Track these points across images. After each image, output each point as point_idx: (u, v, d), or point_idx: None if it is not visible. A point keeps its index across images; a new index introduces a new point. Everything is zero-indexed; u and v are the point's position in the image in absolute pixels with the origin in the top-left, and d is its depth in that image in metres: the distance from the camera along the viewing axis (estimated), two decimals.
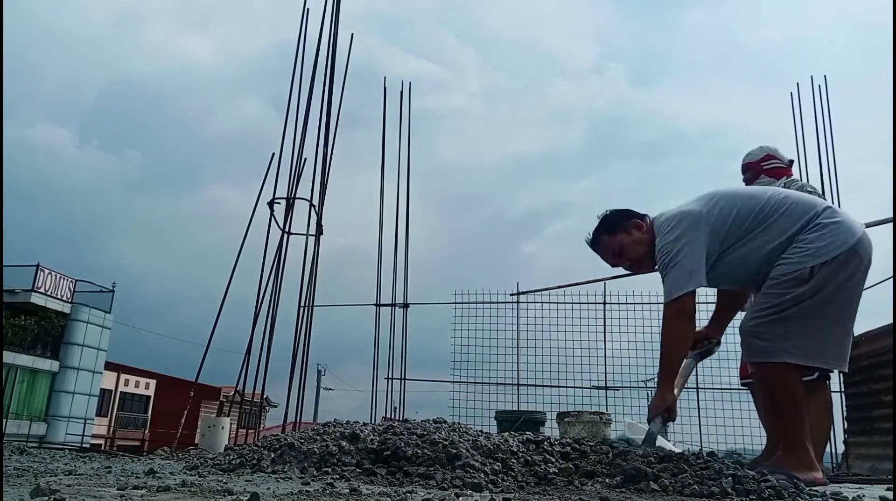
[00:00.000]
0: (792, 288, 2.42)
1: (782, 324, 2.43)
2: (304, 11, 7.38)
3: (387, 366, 8.29)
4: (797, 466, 2.36)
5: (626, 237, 2.77)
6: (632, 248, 2.76)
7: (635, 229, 2.76)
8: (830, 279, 2.40)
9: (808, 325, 2.42)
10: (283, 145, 6.97)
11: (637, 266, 2.83)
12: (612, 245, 2.80)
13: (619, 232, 2.78)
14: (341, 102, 7.42)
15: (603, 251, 2.85)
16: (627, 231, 2.77)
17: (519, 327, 8.46)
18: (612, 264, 2.89)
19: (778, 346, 2.42)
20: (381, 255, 8.28)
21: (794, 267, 2.43)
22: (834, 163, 7.73)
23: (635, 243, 2.75)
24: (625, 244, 2.77)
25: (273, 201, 6.90)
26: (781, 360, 2.42)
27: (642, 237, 2.73)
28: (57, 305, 23.89)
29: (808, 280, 2.40)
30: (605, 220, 2.84)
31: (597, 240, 2.85)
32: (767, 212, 2.54)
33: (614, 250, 2.80)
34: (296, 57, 7.20)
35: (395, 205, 8.66)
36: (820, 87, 7.93)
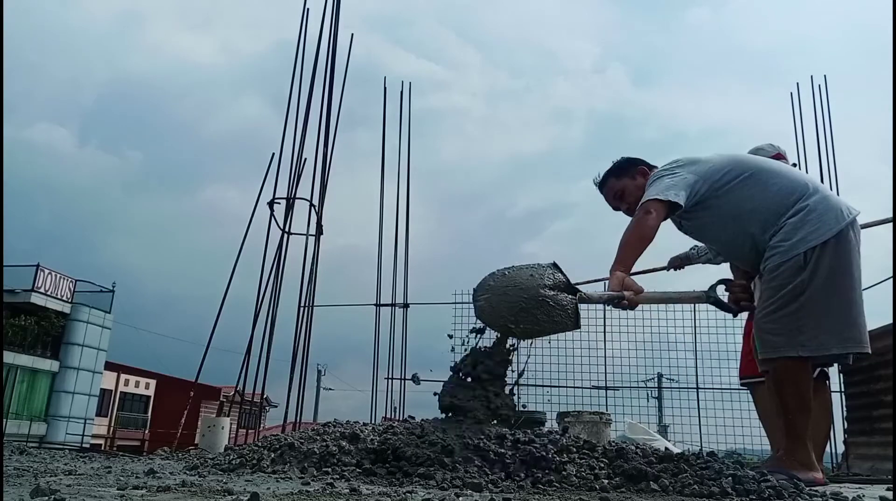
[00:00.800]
0: (792, 277, 2.42)
1: (793, 317, 2.41)
2: (305, 11, 7.40)
3: (387, 366, 8.30)
4: (797, 466, 2.35)
5: (629, 182, 2.84)
6: (632, 192, 2.81)
7: (640, 175, 2.83)
8: (827, 262, 2.40)
9: (816, 315, 2.40)
10: (283, 145, 6.99)
11: (631, 212, 2.82)
12: (615, 188, 2.88)
13: (624, 176, 2.86)
14: (341, 101, 7.43)
15: (606, 193, 2.93)
16: (632, 176, 2.85)
17: None
18: (613, 207, 2.94)
19: (791, 340, 2.41)
20: (381, 255, 8.29)
21: (787, 255, 2.44)
22: (834, 163, 7.74)
23: (636, 188, 2.79)
24: (626, 188, 2.84)
25: (273, 201, 6.91)
26: (796, 354, 2.40)
27: (644, 183, 2.77)
28: (57, 305, 23.89)
29: (805, 266, 2.40)
30: (616, 164, 2.92)
31: (604, 181, 2.93)
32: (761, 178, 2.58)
33: (616, 192, 2.88)
34: (296, 57, 7.22)
35: (395, 205, 8.67)
36: (820, 87, 7.95)
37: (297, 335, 6.64)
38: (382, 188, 8.51)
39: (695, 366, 8.04)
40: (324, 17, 7.32)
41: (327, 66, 7.28)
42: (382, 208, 8.44)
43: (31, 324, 22.96)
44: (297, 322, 6.66)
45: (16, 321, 22.46)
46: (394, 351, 8.28)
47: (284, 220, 6.83)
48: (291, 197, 6.92)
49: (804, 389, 2.44)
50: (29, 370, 22.86)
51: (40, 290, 23.13)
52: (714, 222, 2.66)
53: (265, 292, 6.63)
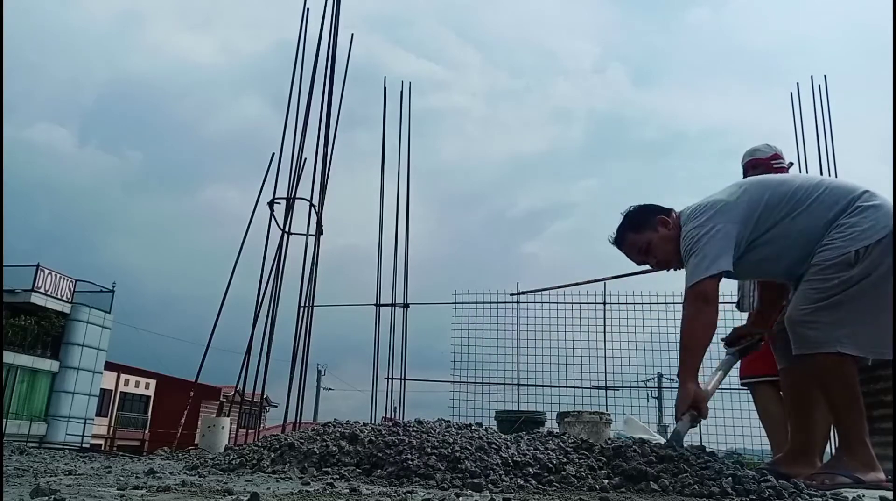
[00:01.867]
0: (838, 273, 2.29)
1: (831, 311, 2.29)
2: (305, 11, 7.39)
3: (387, 366, 8.30)
4: (860, 466, 2.24)
5: (652, 235, 2.63)
6: (659, 246, 2.63)
7: (662, 225, 2.63)
8: (878, 262, 2.28)
9: (860, 312, 2.29)
10: (283, 145, 6.98)
11: (665, 265, 2.69)
12: (638, 243, 2.67)
13: (646, 230, 2.65)
14: (341, 101, 7.44)
15: (629, 250, 2.72)
16: (654, 228, 2.64)
17: (519, 327, 8.48)
18: (638, 262, 2.76)
19: (829, 335, 2.28)
20: (381, 255, 8.30)
21: (838, 251, 2.31)
22: (834, 163, 7.75)
23: (662, 241, 2.61)
24: (652, 242, 2.64)
25: (273, 201, 6.91)
26: (834, 350, 2.27)
27: (669, 234, 2.60)
28: (57, 305, 23.89)
29: (855, 264, 2.28)
30: (630, 217, 2.71)
31: (622, 238, 2.72)
32: (801, 197, 2.42)
33: (641, 248, 2.67)
34: (296, 57, 7.22)
35: (396, 205, 8.68)
36: (820, 87, 7.95)
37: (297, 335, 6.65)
38: (382, 188, 8.53)
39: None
40: (324, 17, 7.32)
41: (327, 66, 7.29)
42: (382, 208, 8.46)
43: (31, 324, 22.96)
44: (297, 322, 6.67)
45: (16, 321, 22.45)
46: (394, 351, 8.30)
47: (284, 220, 6.84)
48: (291, 197, 6.92)
49: (852, 383, 2.30)
50: (29, 370, 22.86)
51: (40, 290, 23.13)
52: (765, 259, 2.50)
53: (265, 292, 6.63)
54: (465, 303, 8.62)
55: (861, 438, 2.30)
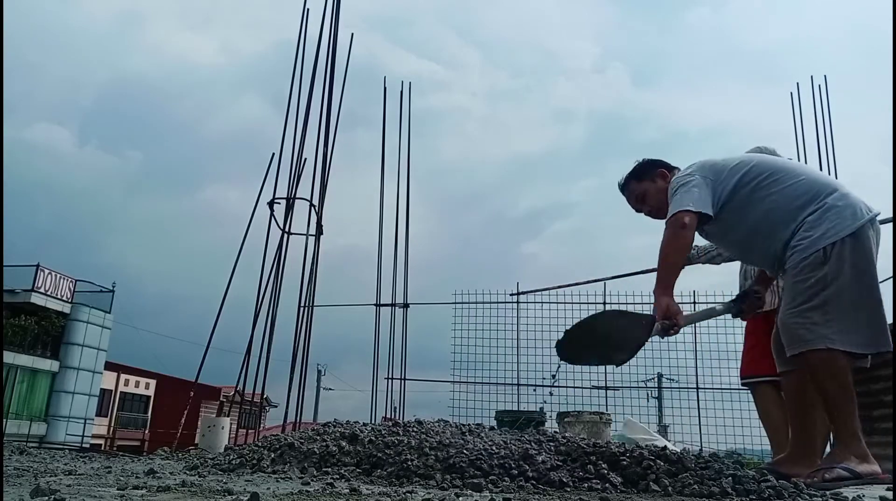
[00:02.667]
0: (812, 272, 2.40)
1: (819, 311, 2.38)
2: (305, 11, 7.39)
3: (387, 366, 8.30)
4: (855, 459, 2.28)
5: (650, 185, 2.88)
6: (654, 195, 2.86)
7: (660, 177, 2.86)
8: (845, 260, 2.37)
9: (844, 310, 2.37)
10: (283, 145, 6.99)
11: (656, 213, 2.87)
12: (636, 191, 2.92)
13: (645, 179, 2.90)
14: (341, 101, 7.44)
15: (628, 196, 2.97)
16: (653, 179, 2.88)
17: (519, 327, 8.47)
18: (635, 208, 2.99)
19: (818, 333, 2.36)
20: (381, 255, 8.30)
21: (807, 251, 2.42)
22: (834, 162, 7.75)
23: (657, 192, 2.84)
24: (648, 191, 2.88)
25: (273, 201, 6.91)
26: (824, 346, 2.35)
27: (664, 186, 2.81)
28: (57, 305, 23.89)
29: (825, 262, 2.38)
30: (637, 166, 2.96)
31: (626, 184, 2.98)
32: (778, 177, 2.57)
33: (638, 195, 2.92)
34: (296, 57, 7.22)
35: (396, 205, 8.68)
36: (820, 87, 7.95)
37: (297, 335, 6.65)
38: (382, 188, 8.52)
39: (695, 366, 8.05)
40: (324, 17, 7.32)
41: (327, 66, 7.29)
42: (382, 208, 8.46)
43: (31, 324, 22.96)
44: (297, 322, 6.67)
45: (16, 321, 22.45)
46: (394, 351, 8.30)
47: (284, 220, 6.84)
48: (291, 197, 6.92)
49: (844, 378, 2.36)
50: (29, 370, 22.86)
51: (40, 290, 23.13)
52: (735, 225, 2.65)
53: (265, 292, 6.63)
54: (465, 303, 8.63)
55: (854, 432, 2.35)
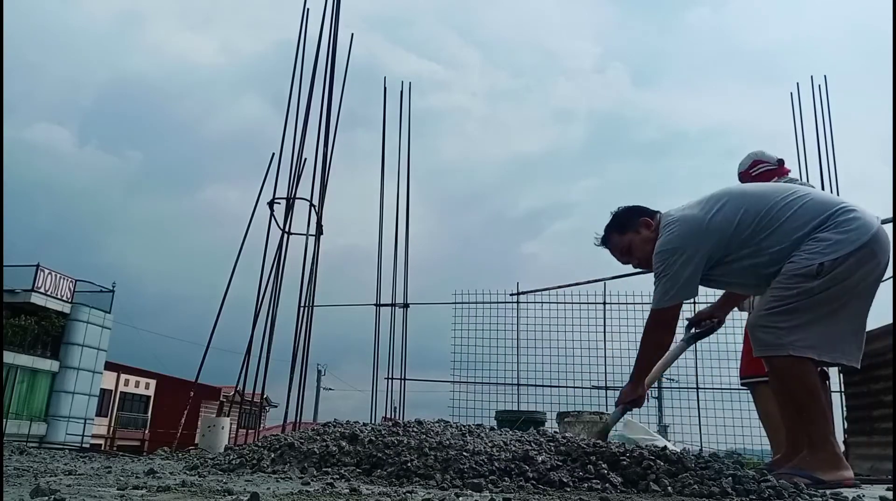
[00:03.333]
0: (799, 283, 2.36)
1: (785, 317, 2.37)
2: (305, 11, 7.39)
3: (387, 366, 8.30)
4: (822, 466, 2.27)
5: (634, 237, 2.79)
6: (639, 247, 2.77)
7: (644, 227, 2.77)
8: (845, 276, 2.34)
9: (817, 320, 2.36)
10: (283, 145, 6.98)
11: (645, 264, 2.82)
12: (620, 244, 2.84)
13: (628, 231, 2.81)
14: (341, 101, 7.42)
15: (612, 249, 2.90)
16: (636, 230, 2.79)
17: (519, 327, 8.47)
18: (621, 261, 2.93)
19: (781, 339, 2.37)
20: (381, 255, 8.29)
21: (803, 263, 2.38)
22: (834, 163, 7.74)
23: (643, 243, 2.75)
24: (633, 243, 2.79)
25: (273, 201, 6.90)
26: (786, 353, 2.36)
27: (649, 236, 2.73)
28: (57, 305, 23.90)
29: (817, 276, 2.34)
30: (616, 218, 2.87)
31: (607, 238, 2.90)
32: (775, 214, 2.48)
33: (622, 248, 2.84)
34: (296, 57, 7.20)
35: (396, 205, 8.66)
36: (820, 87, 7.94)
37: (297, 335, 6.64)
38: (382, 188, 8.51)
39: (695, 366, 8.05)
40: (324, 17, 7.31)
41: (327, 66, 7.28)
42: (382, 208, 8.45)
43: (31, 324, 22.96)
44: (297, 322, 6.66)
45: (16, 321, 22.46)
46: (394, 351, 8.29)
47: (284, 220, 6.83)
48: (291, 197, 6.91)
49: (810, 383, 2.36)
50: (29, 370, 22.86)
51: (40, 290, 23.14)
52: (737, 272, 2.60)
53: (265, 292, 6.62)
54: (465, 303, 8.63)
55: (824, 436, 2.34)
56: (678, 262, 2.53)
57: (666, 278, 2.55)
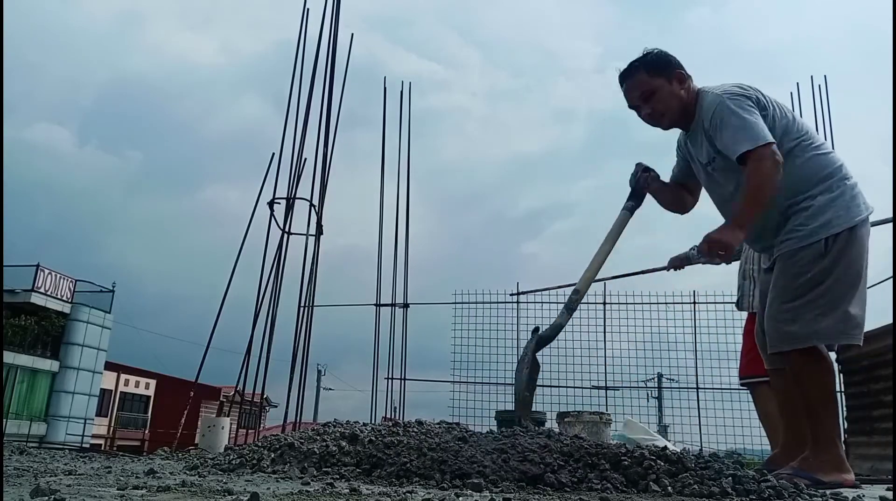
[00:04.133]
0: (811, 264, 2.27)
1: (811, 306, 2.27)
2: (305, 11, 7.39)
3: (387, 366, 8.30)
4: (823, 467, 2.24)
5: (664, 84, 2.47)
6: (664, 98, 2.47)
7: (677, 80, 2.48)
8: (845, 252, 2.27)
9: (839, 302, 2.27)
10: (283, 145, 6.98)
11: (657, 117, 2.53)
12: (644, 85, 2.50)
13: (660, 76, 2.48)
14: (341, 101, 7.43)
15: (631, 87, 2.55)
16: (668, 79, 2.48)
17: (519, 327, 8.47)
18: (633, 104, 2.58)
19: (808, 329, 2.27)
20: (381, 255, 8.29)
21: (805, 241, 2.29)
22: None
23: (670, 96, 2.46)
24: (660, 90, 2.47)
25: (273, 201, 6.91)
26: (811, 344, 2.27)
27: (678, 93, 2.46)
28: (57, 305, 23.89)
29: (826, 254, 2.26)
30: (650, 56, 2.53)
31: (632, 72, 2.53)
32: (809, 143, 2.36)
33: (645, 90, 2.50)
34: (296, 57, 7.21)
35: (396, 205, 8.67)
36: (820, 86, 7.95)
37: (297, 335, 6.64)
38: (382, 188, 8.51)
39: (695, 366, 8.06)
40: (324, 17, 7.32)
41: (327, 66, 7.28)
42: (382, 208, 8.45)
43: (31, 324, 22.96)
44: (297, 322, 6.66)
45: (16, 321, 22.46)
46: (394, 351, 8.29)
47: (284, 220, 6.83)
48: (291, 197, 6.92)
49: (827, 383, 2.30)
50: (29, 370, 22.86)
51: (40, 290, 23.13)
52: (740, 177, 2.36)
53: (265, 292, 6.63)
54: (465, 303, 8.63)
55: (831, 437, 2.30)
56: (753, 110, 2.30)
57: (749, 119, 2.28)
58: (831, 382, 2.34)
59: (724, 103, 2.34)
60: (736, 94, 2.36)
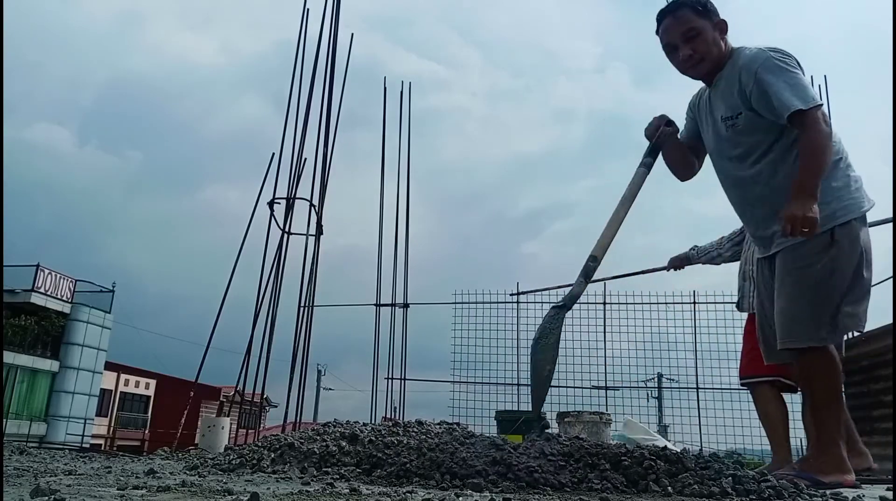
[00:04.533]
0: (817, 256, 2.23)
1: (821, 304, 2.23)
2: (305, 11, 7.39)
3: (387, 366, 8.30)
4: (825, 467, 2.23)
5: (709, 27, 2.41)
6: (706, 41, 2.40)
7: (720, 29, 2.42)
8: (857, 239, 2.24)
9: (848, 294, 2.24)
10: (283, 145, 6.98)
11: (696, 61, 2.44)
12: (691, 24, 2.41)
13: (706, 18, 2.41)
14: (341, 101, 7.43)
15: (673, 24, 2.45)
16: (713, 23, 2.42)
17: (519, 327, 8.47)
18: (671, 43, 2.48)
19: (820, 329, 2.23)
20: (381, 255, 8.28)
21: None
22: None
23: (712, 41, 2.40)
24: (704, 32, 2.40)
25: (273, 201, 6.91)
26: (824, 343, 2.23)
27: (720, 40, 2.41)
28: (57, 305, 23.88)
29: (832, 245, 2.22)
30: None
31: (677, 7, 2.44)
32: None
33: (687, 29, 2.41)
34: (296, 57, 7.21)
35: (396, 205, 8.66)
36: (820, 87, 7.94)
37: (297, 335, 6.64)
38: (382, 188, 8.51)
39: (695, 366, 8.06)
40: (324, 16, 7.32)
41: (327, 66, 7.28)
42: (382, 208, 8.44)
43: (31, 324, 22.95)
44: (297, 322, 6.66)
45: (16, 321, 22.44)
46: (394, 351, 8.29)
47: (284, 220, 6.83)
48: (291, 197, 6.92)
49: (835, 382, 2.27)
50: (29, 370, 22.85)
51: (40, 290, 23.12)
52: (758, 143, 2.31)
53: (265, 292, 6.63)
54: (465, 303, 8.63)
55: (834, 439, 2.28)
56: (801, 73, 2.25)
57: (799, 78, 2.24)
58: (838, 382, 2.31)
59: (772, 59, 2.28)
60: (782, 52, 2.31)
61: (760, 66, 2.29)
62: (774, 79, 2.25)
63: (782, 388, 3.40)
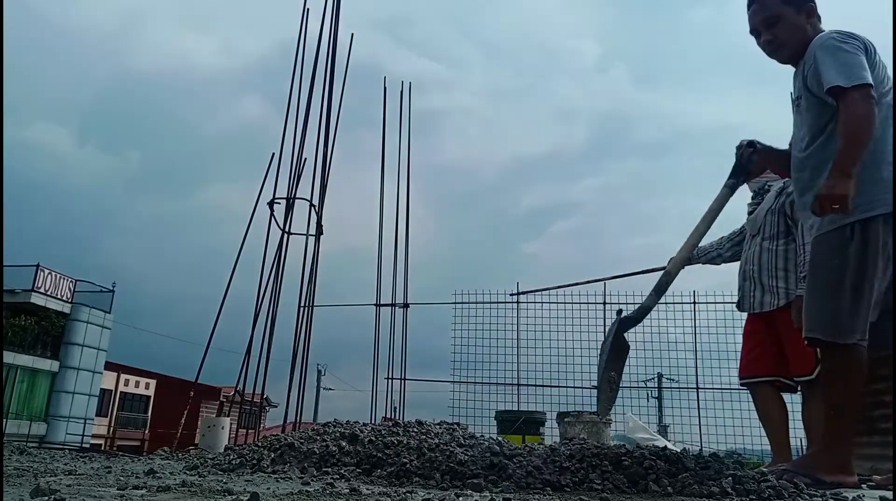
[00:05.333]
0: (837, 252, 2.18)
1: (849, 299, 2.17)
2: (305, 11, 7.40)
3: (387, 366, 8.30)
4: (826, 467, 2.20)
5: (792, 12, 2.40)
6: (790, 27, 2.40)
7: (806, 14, 2.41)
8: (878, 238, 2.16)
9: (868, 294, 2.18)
10: (283, 145, 6.99)
11: (776, 47, 2.45)
12: (771, 9, 2.42)
13: (790, 4, 2.41)
14: (342, 101, 7.44)
15: (757, 10, 2.46)
16: (798, 8, 2.40)
17: (519, 327, 8.48)
18: (754, 28, 2.50)
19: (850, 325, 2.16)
20: (381, 255, 8.30)
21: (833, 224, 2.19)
22: None
23: (795, 26, 2.40)
24: (786, 17, 2.40)
25: (273, 201, 6.91)
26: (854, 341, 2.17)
27: (805, 25, 2.39)
28: (57, 305, 23.88)
29: (852, 239, 2.17)
30: None
31: None
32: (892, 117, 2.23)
33: (769, 15, 2.43)
34: (296, 57, 7.22)
35: (396, 205, 8.68)
36: None
37: (297, 335, 6.65)
38: (382, 188, 8.52)
39: (695, 366, 8.06)
40: (324, 16, 7.33)
41: (327, 65, 7.29)
42: (382, 208, 8.45)
43: (31, 324, 22.94)
44: (297, 322, 6.67)
45: (16, 321, 22.44)
46: (394, 351, 8.31)
47: (284, 220, 6.84)
48: (291, 197, 6.92)
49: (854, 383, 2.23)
50: (29, 370, 22.85)
51: (40, 290, 23.11)
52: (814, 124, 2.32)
53: (265, 292, 6.64)
54: (465, 303, 8.63)
55: (840, 439, 2.26)
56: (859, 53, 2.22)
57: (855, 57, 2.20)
58: (857, 383, 2.25)
59: (830, 38, 2.29)
60: (847, 34, 2.30)
61: (819, 46, 2.31)
62: (826, 56, 2.26)
63: (782, 388, 3.39)
